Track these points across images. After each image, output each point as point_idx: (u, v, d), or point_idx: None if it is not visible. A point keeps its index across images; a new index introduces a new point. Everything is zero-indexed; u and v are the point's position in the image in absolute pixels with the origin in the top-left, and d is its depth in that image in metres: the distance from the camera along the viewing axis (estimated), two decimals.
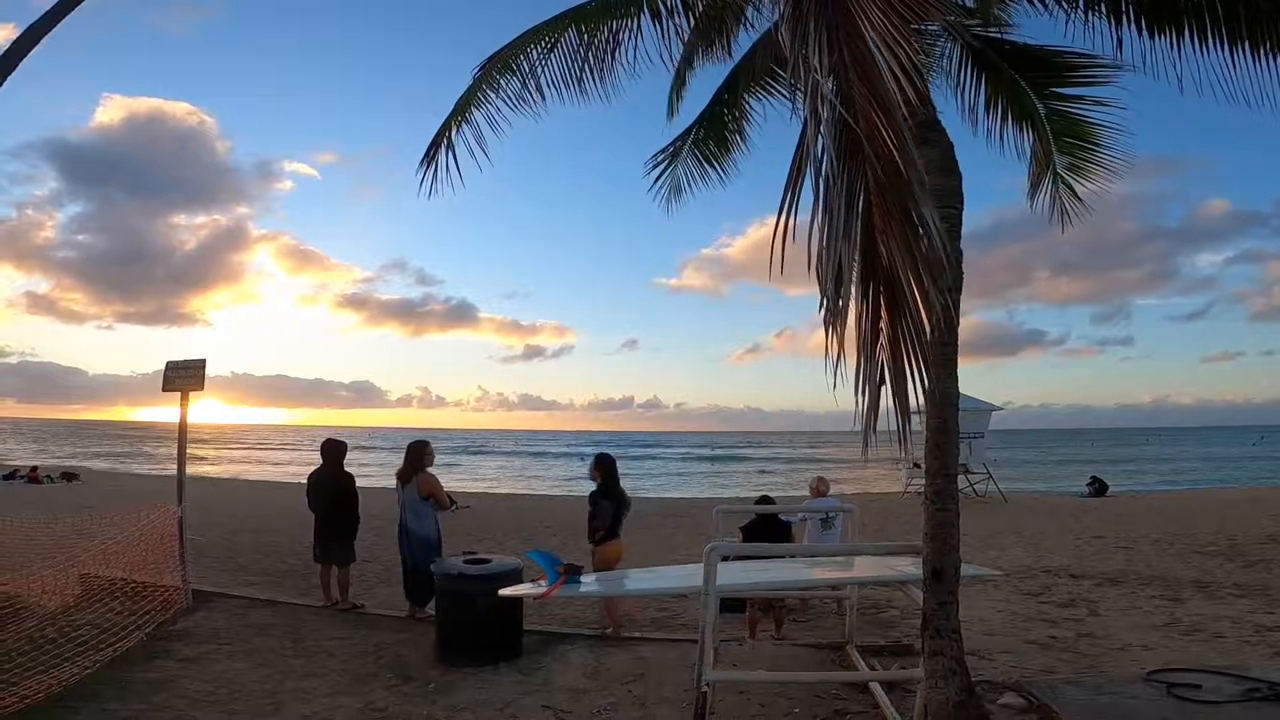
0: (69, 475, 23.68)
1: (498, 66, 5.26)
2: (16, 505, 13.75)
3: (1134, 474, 36.19)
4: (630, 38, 5.19)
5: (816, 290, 2.50)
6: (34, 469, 23.65)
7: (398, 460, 7.38)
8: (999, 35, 4.68)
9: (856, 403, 2.45)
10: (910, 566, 4.49)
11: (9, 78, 7.38)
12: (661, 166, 6.20)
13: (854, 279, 2.44)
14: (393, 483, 7.05)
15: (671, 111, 5.93)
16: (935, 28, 4.47)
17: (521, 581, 5.23)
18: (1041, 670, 5.02)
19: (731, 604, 6.09)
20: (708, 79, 5.72)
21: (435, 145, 5.33)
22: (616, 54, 5.18)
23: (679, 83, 5.70)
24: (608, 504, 6.16)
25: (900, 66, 2.57)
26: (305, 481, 7.50)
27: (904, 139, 2.46)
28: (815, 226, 2.49)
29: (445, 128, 5.31)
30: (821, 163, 2.51)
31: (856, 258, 2.43)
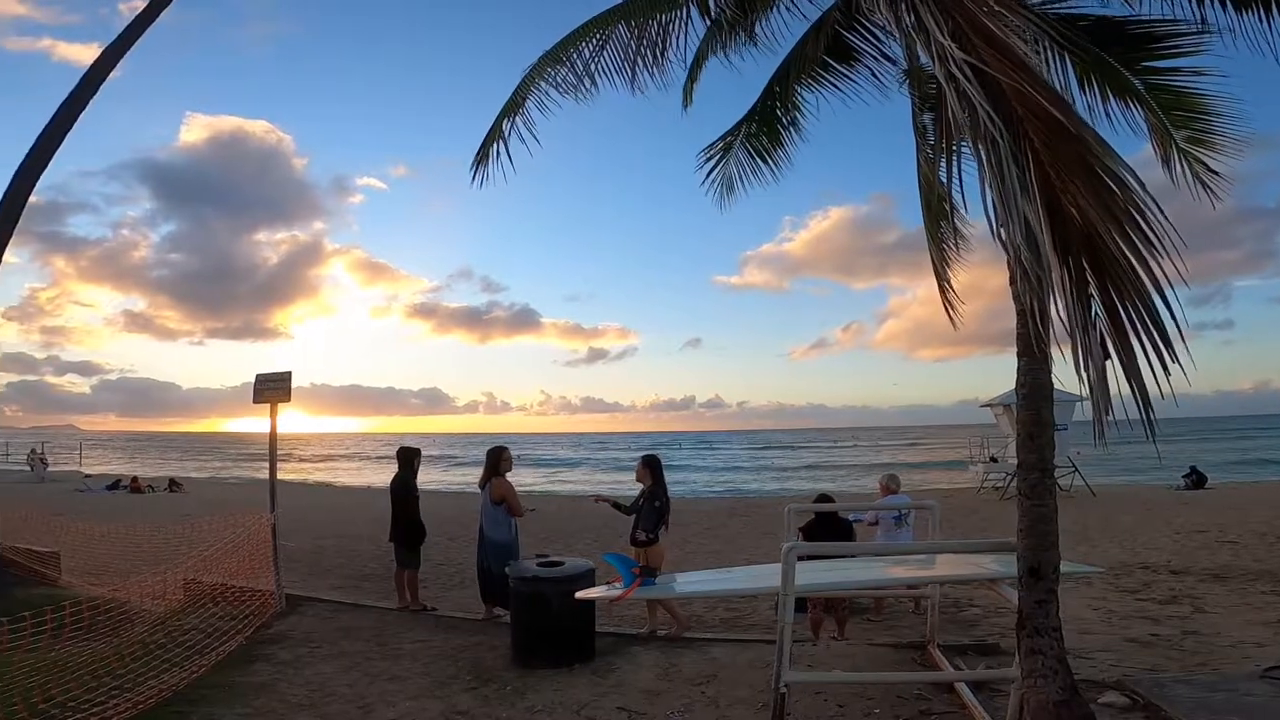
0: (174, 485, 25.49)
1: (550, 62, 5.35)
2: (121, 514, 14.85)
3: (1235, 466, 33.59)
4: (681, 29, 5.18)
5: (885, 283, 2.43)
6: (135, 479, 25.50)
7: (461, 465, 7.58)
8: (1072, 9, 4.46)
9: (1082, 381, 2.23)
10: (996, 564, 4.34)
11: (94, 96, 8.00)
12: (712, 162, 6.13)
13: (1047, 240, 2.27)
14: (460, 487, 7.24)
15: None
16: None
17: (594, 583, 5.30)
18: (1145, 669, 4.76)
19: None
20: (759, 73, 5.64)
21: (489, 140, 5.47)
22: (668, 48, 5.18)
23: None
24: (655, 506, 6.14)
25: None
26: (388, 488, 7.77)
27: (1058, 96, 2.37)
28: (987, 194, 2.40)
29: (498, 123, 5.44)
30: (974, 127, 2.41)
31: (1044, 217, 2.28)
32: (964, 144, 2.70)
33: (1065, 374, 2.39)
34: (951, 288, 5.88)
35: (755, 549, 11.36)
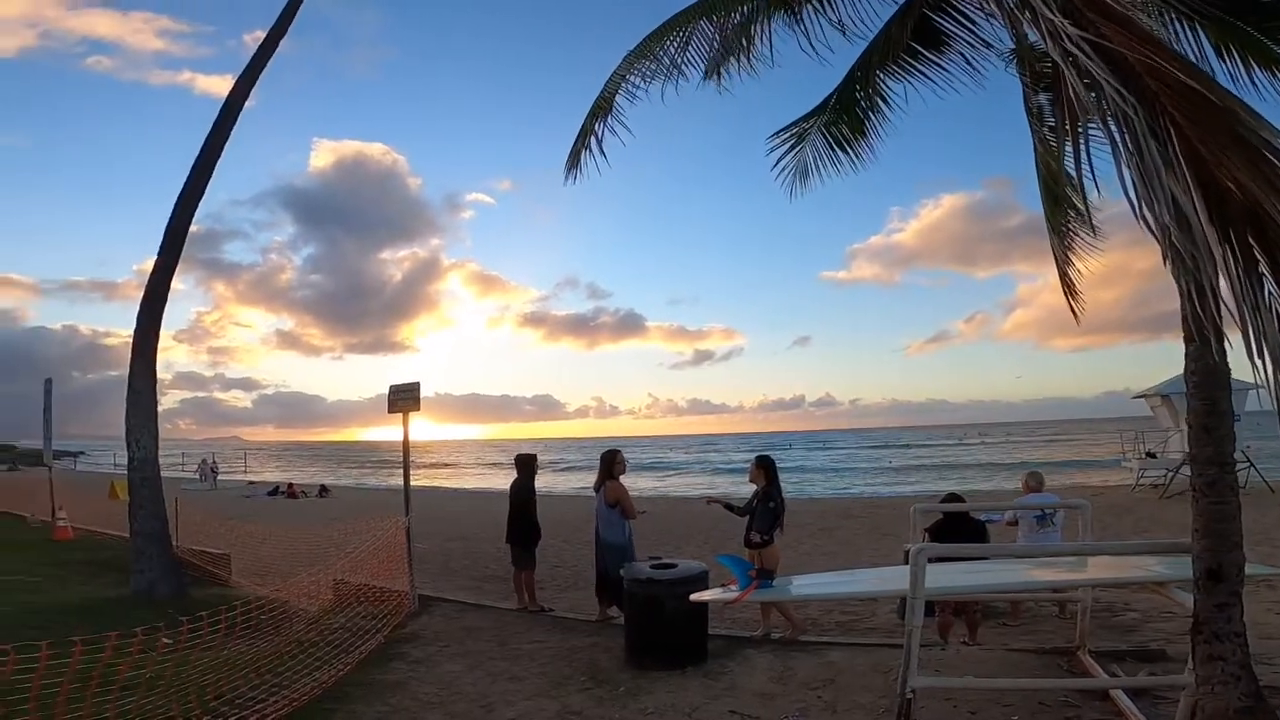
0: (323, 490, 28.16)
1: (636, 58, 5.41)
2: (280, 518, 16.56)
3: None
4: (763, 20, 5.09)
5: (1009, 270, 2.29)
6: (291, 486, 28.42)
7: (573, 470, 7.81)
8: None
9: (1256, 367, 2.03)
10: (1162, 566, 4.05)
11: (234, 126, 8.92)
12: (785, 148, 5.95)
13: (1203, 218, 2.12)
14: (573, 491, 7.47)
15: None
16: None
17: (708, 586, 5.31)
18: None
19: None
20: (841, 60, 5.46)
21: (580, 141, 5.61)
22: (753, 40, 5.10)
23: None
24: (769, 507, 6.05)
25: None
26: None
27: (1194, 67, 2.21)
28: (1125, 174, 2.27)
29: (588, 123, 5.57)
30: (1103, 105, 2.30)
31: (1197, 195, 2.13)
32: (1091, 125, 2.50)
33: (1234, 359, 2.13)
34: (1073, 277, 5.42)
35: (873, 551, 10.93)
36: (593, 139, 5.53)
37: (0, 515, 16.08)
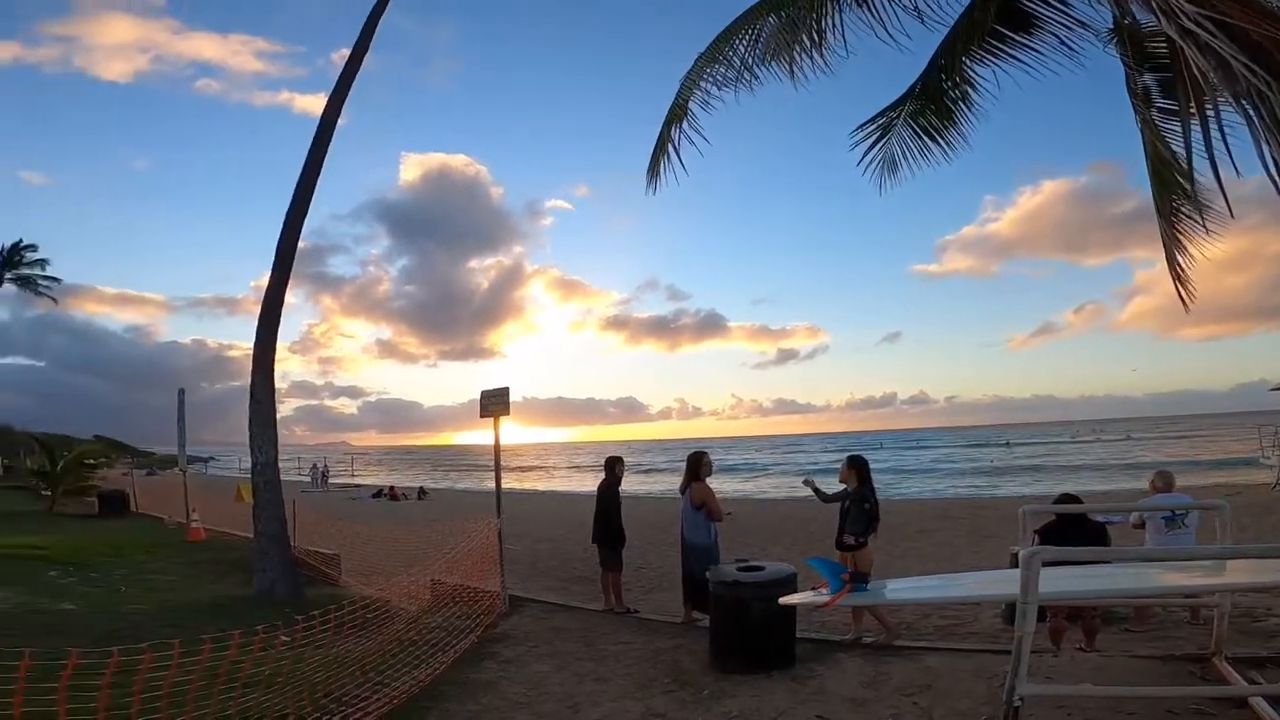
0: (422, 492, 29.69)
1: (705, 64, 5.40)
2: (383, 519, 17.57)
3: None
4: (833, 11, 4.97)
5: (1124, 257, 2.17)
6: (393, 488, 30.12)
7: (656, 472, 7.87)
8: None
9: None
10: None
11: (330, 142, 9.44)
12: (869, 141, 5.81)
13: None
14: (657, 492, 7.52)
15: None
16: None
17: (796, 588, 5.23)
18: None
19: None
20: (920, 48, 5.25)
21: (659, 148, 5.65)
22: (824, 31, 4.98)
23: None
24: (864, 508, 5.90)
25: None
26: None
27: None
28: (1265, 151, 2.21)
29: (665, 130, 5.61)
30: (1230, 82, 2.22)
31: None
32: (1215, 103, 2.34)
33: None
34: (1184, 264, 4.98)
35: (974, 554, 10.42)
36: (670, 147, 5.57)
37: (143, 517, 17.80)
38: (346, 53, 9.70)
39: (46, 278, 47.70)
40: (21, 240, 47.24)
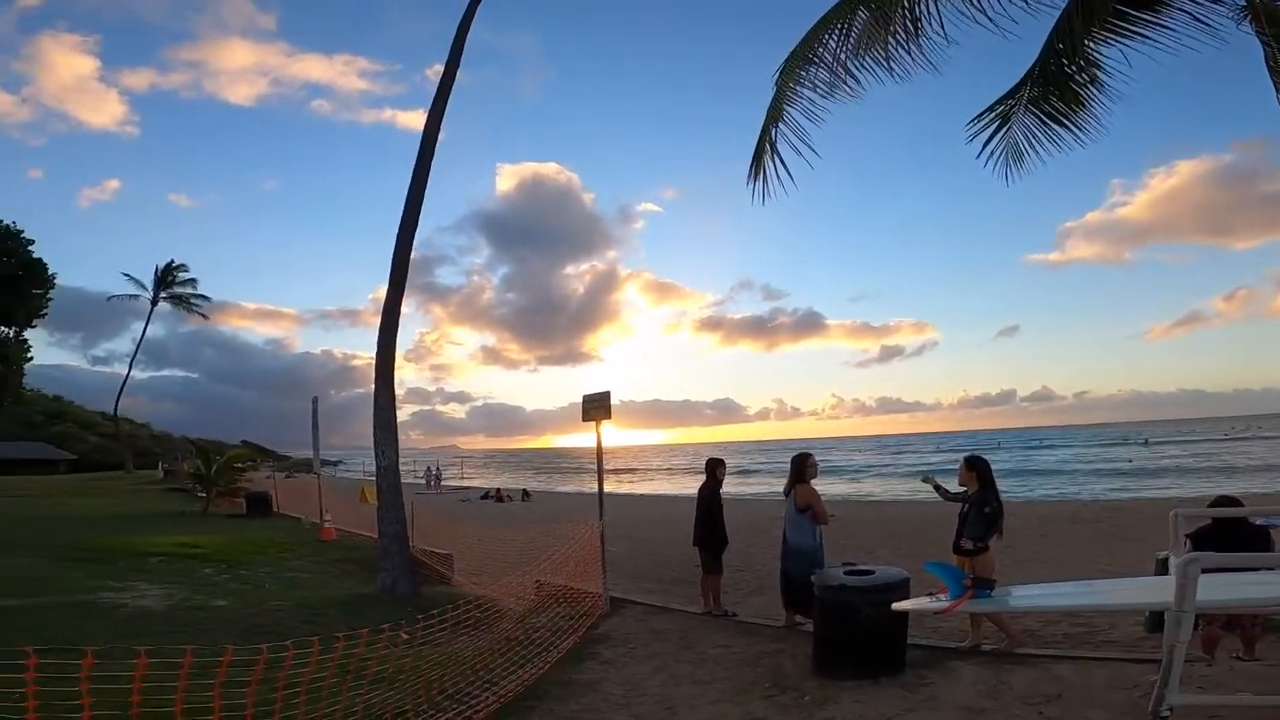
0: (525, 495, 30.84)
1: (798, 63, 5.31)
2: (491, 520, 18.37)
3: None
4: (928, 1, 4.77)
5: (1278, 239, 1.93)
6: (499, 490, 31.43)
7: (753, 474, 7.76)
8: None
9: None
10: None
11: (433, 158, 9.83)
12: (988, 132, 5.56)
13: None
14: (756, 494, 7.43)
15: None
16: None
17: (909, 594, 5.08)
18: None
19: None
20: (1028, 33, 4.99)
21: (759, 153, 5.60)
22: (919, 19, 4.78)
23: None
24: (985, 512, 5.61)
25: None
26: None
27: None
28: None
29: (764, 134, 5.56)
30: None
31: None
32: None
33: None
34: None
35: (1110, 559, 9.63)
36: (771, 153, 5.53)
37: (283, 517, 19.47)
38: (439, 69, 10.09)
39: (197, 296, 54.15)
40: (173, 261, 53.67)
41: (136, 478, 43.24)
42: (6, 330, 35.70)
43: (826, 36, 5.19)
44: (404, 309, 9.84)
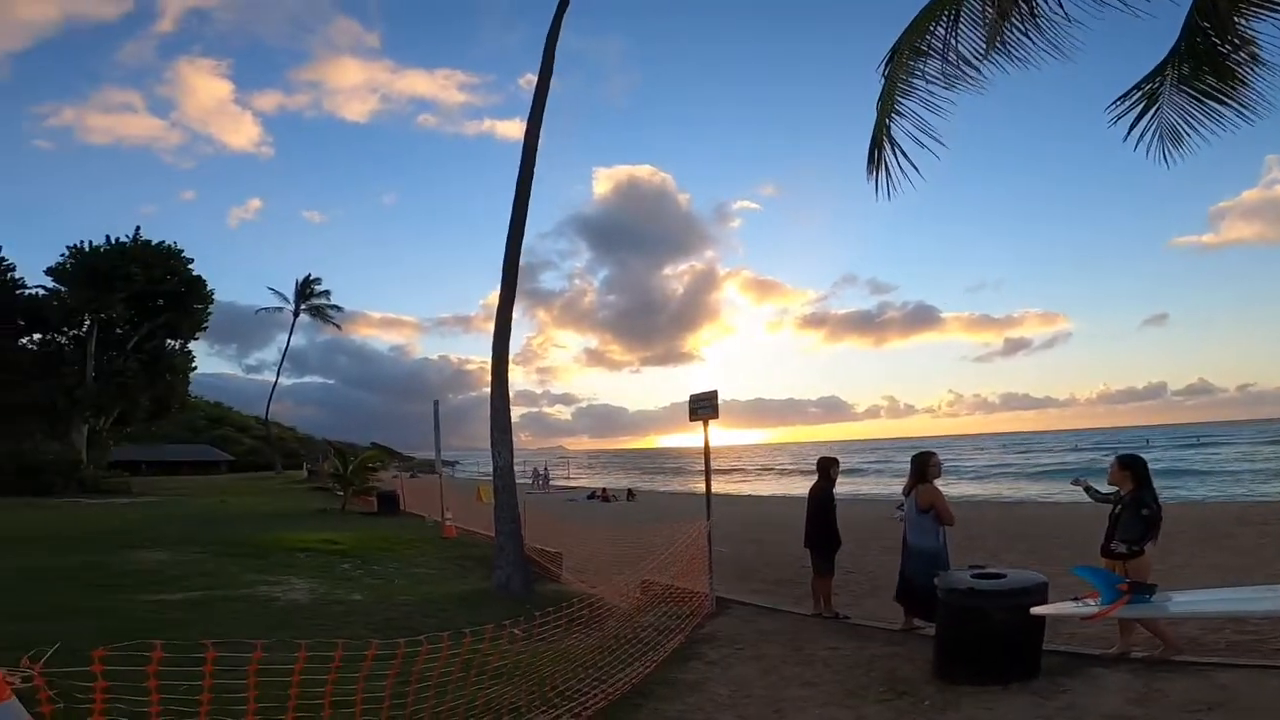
0: (630, 494, 31.34)
1: (907, 54, 5.12)
2: (597, 519, 18.78)
3: None
4: None
5: None
6: (604, 490, 32.10)
7: (862, 474, 7.49)
8: None
9: None
10: None
11: (535, 165, 10.04)
12: (1135, 113, 5.21)
13: None
14: (866, 494, 7.18)
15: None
16: None
17: (1047, 598, 4.83)
18: None
19: None
20: (1160, 10, 4.61)
21: (876, 147, 5.44)
22: (1033, 2, 4.49)
23: None
24: (1141, 514, 5.20)
25: None
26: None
27: None
28: None
29: (879, 127, 5.39)
30: None
31: None
32: None
33: None
34: None
35: None
36: (890, 147, 5.38)
37: (409, 516, 20.70)
38: (530, 77, 10.29)
39: (332, 307, 59.36)
40: (310, 274, 59.10)
41: (285, 478, 47.87)
42: (174, 343, 39.85)
43: (935, 25, 5.00)
44: (513, 314, 10.08)
